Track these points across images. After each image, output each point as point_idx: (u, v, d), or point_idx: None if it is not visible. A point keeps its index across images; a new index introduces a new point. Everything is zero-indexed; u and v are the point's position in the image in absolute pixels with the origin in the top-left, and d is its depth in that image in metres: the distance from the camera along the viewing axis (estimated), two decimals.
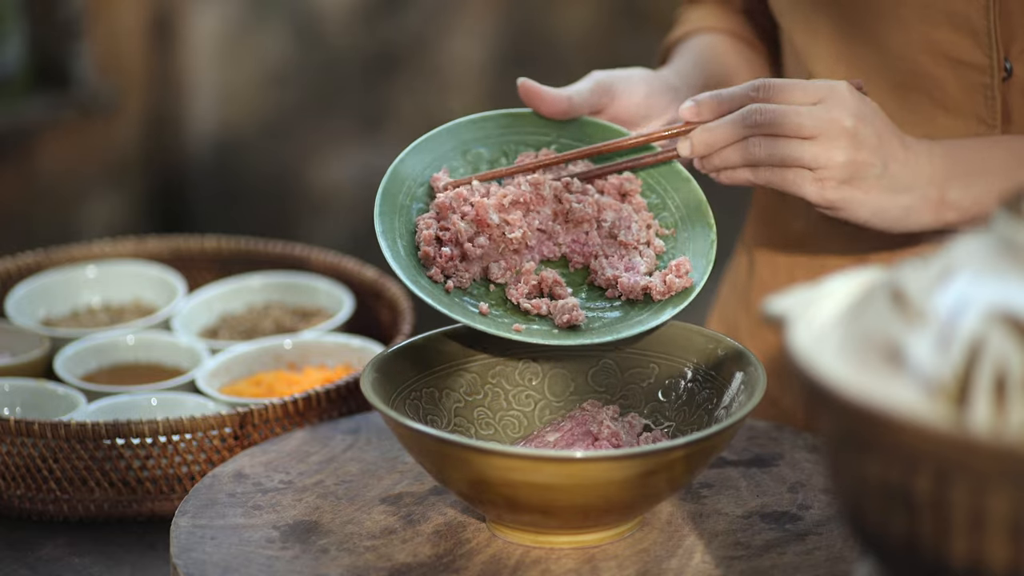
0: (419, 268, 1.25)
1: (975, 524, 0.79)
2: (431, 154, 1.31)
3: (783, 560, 1.15)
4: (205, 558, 1.16)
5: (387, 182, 1.28)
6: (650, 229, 1.30)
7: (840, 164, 1.22)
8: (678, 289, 1.25)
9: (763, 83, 1.24)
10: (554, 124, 1.35)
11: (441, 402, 1.26)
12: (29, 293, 1.70)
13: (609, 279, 1.27)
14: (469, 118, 1.34)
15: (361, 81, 3.80)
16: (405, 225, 1.27)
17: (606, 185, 1.32)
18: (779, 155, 1.23)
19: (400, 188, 1.28)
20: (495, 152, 1.33)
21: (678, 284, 1.25)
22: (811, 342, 0.86)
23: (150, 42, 3.72)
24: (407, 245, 1.26)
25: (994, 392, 0.79)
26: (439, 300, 1.22)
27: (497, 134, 1.34)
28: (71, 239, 3.44)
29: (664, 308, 1.25)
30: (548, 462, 1.10)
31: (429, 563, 1.15)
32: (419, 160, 1.30)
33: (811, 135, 1.22)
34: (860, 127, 1.22)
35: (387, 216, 1.26)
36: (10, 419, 1.35)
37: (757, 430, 1.33)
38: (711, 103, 1.26)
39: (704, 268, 1.27)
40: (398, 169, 1.29)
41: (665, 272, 1.26)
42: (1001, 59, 1.31)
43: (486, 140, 1.34)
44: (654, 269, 1.28)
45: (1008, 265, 0.82)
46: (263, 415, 1.38)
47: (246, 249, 1.79)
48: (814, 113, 1.22)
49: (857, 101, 1.23)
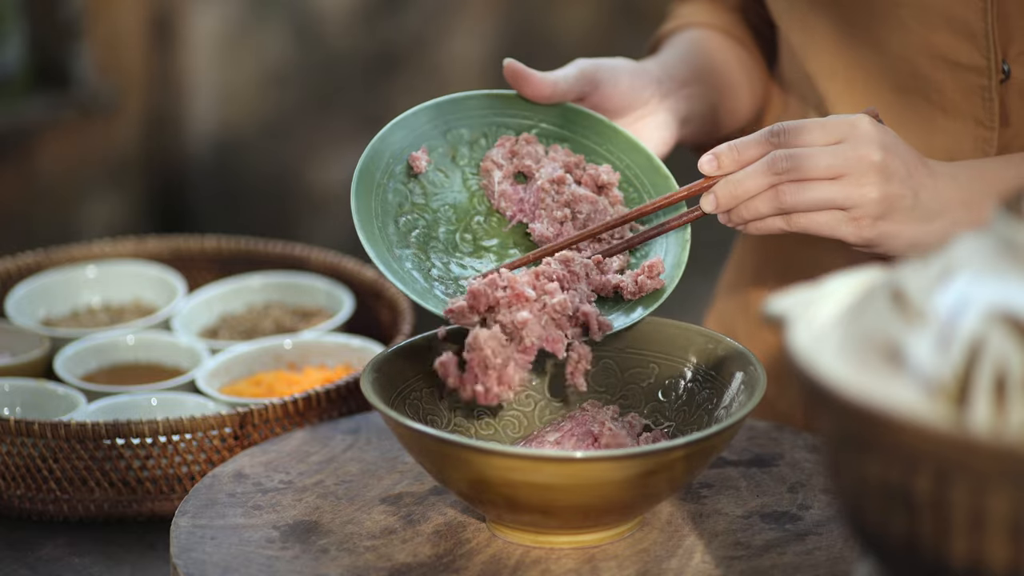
0: (392, 251, 1.24)
1: (975, 524, 0.79)
2: (412, 133, 1.30)
3: (783, 560, 1.15)
4: (205, 558, 1.16)
5: (365, 160, 1.26)
6: (625, 224, 1.30)
7: (874, 200, 1.20)
8: (649, 290, 1.25)
9: (780, 128, 1.21)
10: (536, 108, 1.34)
11: (441, 402, 1.25)
12: (29, 293, 1.70)
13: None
14: (450, 97, 1.32)
15: (361, 81, 3.80)
16: (380, 204, 1.26)
17: (584, 176, 1.31)
18: (811, 199, 1.20)
19: (378, 166, 1.27)
20: (475, 132, 1.33)
21: (649, 285, 1.25)
22: (811, 342, 0.85)
23: (150, 42, 3.72)
24: (381, 225, 1.25)
25: (994, 392, 0.79)
26: (411, 287, 1.21)
27: (479, 115, 1.33)
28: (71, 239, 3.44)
29: (635, 307, 1.25)
30: (548, 462, 1.10)
31: (429, 563, 1.15)
32: (399, 138, 1.29)
33: (840, 175, 1.20)
34: (888, 160, 1.20)
35: (363, 196, 1.25)
36: (10, 419, 1.35)
37: (757, 430, 1.33)
38: (730, 154, 1.22)
39: (676, 268, 1.26)
40: (377, 147, 1.28)
41: (637, 272, 1.25)
42: (999, 61, 1.31)
43: (467, 120, 1.32)
44: (626, 266, 1.28)
45: (1008, 265, 0.82)
46: (263, 415, 1.38)
47: (246, 249, 1.79)
48: (839, 152, 1.20)
49: (880, 133, 1.21)
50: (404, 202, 1.28)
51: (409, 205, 1.28)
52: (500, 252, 1.29)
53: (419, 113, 1.31)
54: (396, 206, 1.27)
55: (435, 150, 1.31)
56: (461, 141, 1.32)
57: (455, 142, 1.32)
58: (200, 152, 3.83)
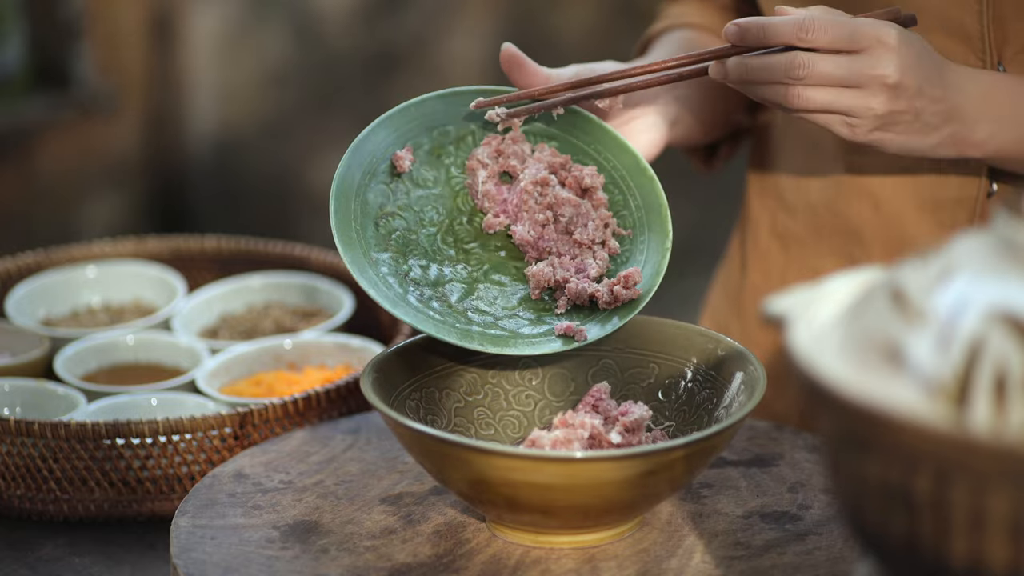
0: (368, 255, 1.23)
1: (975, 524, 0.79)
2: (396, 131, 1.29)
3: (783, 560, 1.15)
4: (205, 558, 1.16)
5: (346, 161, 1.25)
6: (607, 228, 1.29)
7: (876, 115, 1.22)
8: (624, 300, 1.24)
9: (811, 23, 1.21)
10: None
11: (441, 402, 1.25)
12: (29, 293, 1.70)
13: (558, 281, 1.26)
14: (437, 93, 1.31)
15: (361, 81, 3.80)
16: (361, 206, 1.25)
17: (568, 178, 1.30)
18: (817, 102, 1.22)
19: (360, 166, 1.26)
20: (462, 130, 1.31)
21: (624, 295, 1.24)
22: (811, 342, 0.85)
23: (150, 42, 3.72)
24: (360, 228, 1.25)
25: (994, 392, 0.79)
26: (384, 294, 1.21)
27: (465, 111, 1.32)
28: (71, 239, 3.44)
29: (610, 318, 1.24)
30: (548, 462, 1.10)
31: (429, 563, 1.15)
32: (384, 136, 1.28)
33: (852, 87, 1.21)
34: (903, 79, 1.21)
35: (343, 198, 1.24)
36: (10, 419, 1.35)
37: (757, 430, 1.33)
38: (756, 32, 1.22)
39: (653, 278, 1.25)
40: (359, 147, 1.27)
41: (613, 282, 1.25)
42: (995, 63, 1.31)
43: (454, 117, 1.31)
44: (604, 273, 1.27)
45: (1008, 265, 0.82)
46: (263, 415, 1.38)
47: (246, 249, 1.79)
48: (856, 66, 1.21)
49: (905, 50, 1.21)
50: (386, 203, 1.27)
51: (392, 205, 1.27)
52: (481, 255, 1.28)
53: (404, 111, 1.30)
54: (377, 207, 1.26)
55: (420, 148, 1.30)
56: (447, 138, 1.31)
57: (441, 139, 1.30)
58: (200, 152, 3.83)
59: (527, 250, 1.28)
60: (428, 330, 1.20)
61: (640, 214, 1.29)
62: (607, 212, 1.29)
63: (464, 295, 1.25)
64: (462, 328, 1.22)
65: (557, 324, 1.24)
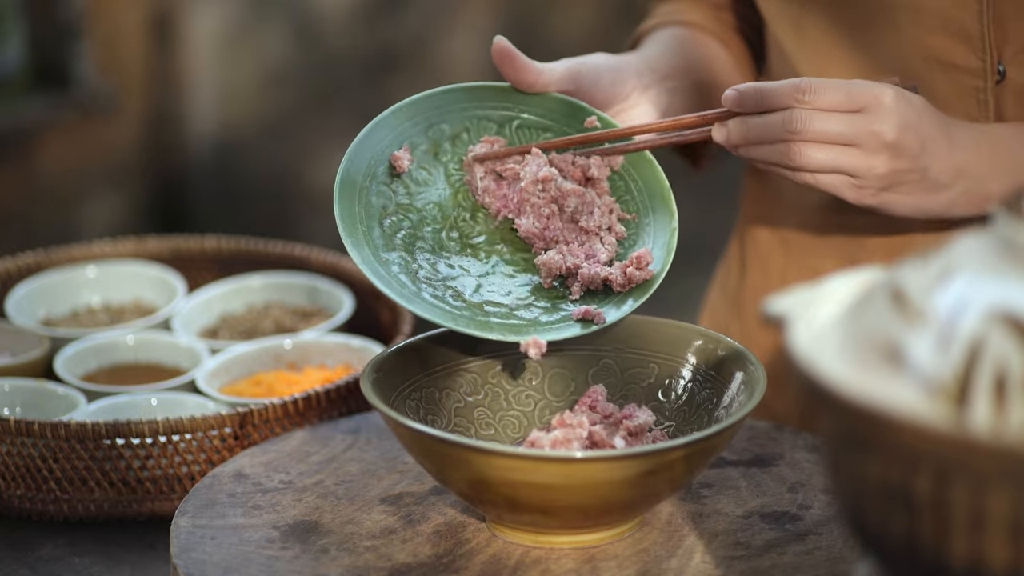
0: (378, 255, 1.24)
1: (975, 524, 0.79)
2: (392, 132, 1.29)
3: (783, 560, 1.15)
4: (205, 558, 1.16)
5: (346, 165, 1.25)
6: (612, 214, 1.29)
7: (880, 175, 1.22)
8: (638, 281, 1.24)
9: (807, 85, 1.21)
10: (518, 99, 1.32)
11: (441, 402, 1.25)
12: (29, 293, 1.70)
13: (569, 268, 1.26)
14: (429, 92, 1.31)
15: (361, 81, 3.80)
16: (364, 208, 1.25)
17: (574, 171, 1.30)
18: (819, 161, 1.22)
19: (360, 169, 1.26)
20: (457, 127, 1.31)
21: (638, 276, 1.24)
22: (811, 342, 0.85)
23: (150, 42, 3.72)
24: (366, 230, 1.25)
25: (994, 392, 0.79)
26: (399, 292, 1.21)
27: (459, 108, 1.31)
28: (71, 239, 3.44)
29: (624, 300, 1.25)
30: (548, 462, 1.10)
31: (429, 563, 1.15)
32: (379, 138, 1.28)
33: (851, 144, 1.21)
34: (903, 138, 1.22)
35: (346, 201, 1.24)
36: (10, 419, 1.35)
37: (757, 430, 1.33)
38: (754, 96, 1.23)
39: (665, 258, 1.26)
40: (357, 150, 1.27)
41: (625, 264, 1.25)
42: (994, 63, 1.30)
43: (448, 115, 1.31)
44: (614, 257, 1.27)
45: (1008, 265, 0.82)
46: (263, 415, 1.38)
47: (246, 249, 1.79)
48: (856, 123, 1.21)
49: (903, 109, 1.22)
50: (388, 203, 1.27)
51: (393, 206, 1.27)
52: (488, 249, 1.28)
53: (398, 111, 1.30)
54: (380, 208, 1.26)
55: (417, 148, 1.29)
56: (443, 136, 1.30)
57: (437, 137, 1.30)
58: (200, 152, 3.83)
59: (534, 241, 1.28)
60: (448, 324, 1.20)
61: (643, 198, 1.30)
62: (610, 198, 1.29)
63: (476, 289, 1.25)
64: (481, 320, 1.22)
65: (574, 309, 1.24)
